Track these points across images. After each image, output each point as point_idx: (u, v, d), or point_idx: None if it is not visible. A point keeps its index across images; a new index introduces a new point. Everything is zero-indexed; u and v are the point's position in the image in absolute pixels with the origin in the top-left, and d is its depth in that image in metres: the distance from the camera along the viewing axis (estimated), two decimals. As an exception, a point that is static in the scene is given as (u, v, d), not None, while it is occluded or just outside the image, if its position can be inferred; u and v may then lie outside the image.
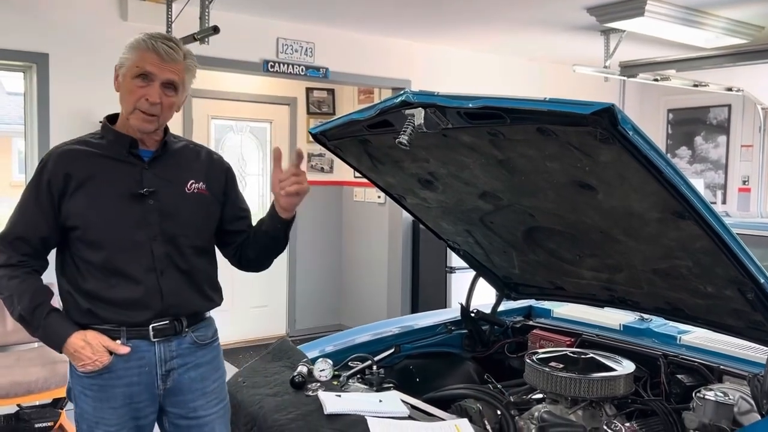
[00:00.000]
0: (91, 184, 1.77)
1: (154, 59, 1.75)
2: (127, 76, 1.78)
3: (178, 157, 1.90)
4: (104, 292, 1.77)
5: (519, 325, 2.77)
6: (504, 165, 1.85)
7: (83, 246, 1.78)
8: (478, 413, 2.02)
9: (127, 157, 1.82)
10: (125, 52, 1.79)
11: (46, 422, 3.94)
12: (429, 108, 1.72)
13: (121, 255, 1.77)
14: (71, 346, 1.74)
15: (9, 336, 3.99)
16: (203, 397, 1.90)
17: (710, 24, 4.59)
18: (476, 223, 2.32)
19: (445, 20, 4.99)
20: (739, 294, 1.80)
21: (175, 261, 1.83)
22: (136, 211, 1.79)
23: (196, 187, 1.88)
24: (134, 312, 1.78)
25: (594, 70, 5.47)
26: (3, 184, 10.50)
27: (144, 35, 1.79)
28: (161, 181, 1.83)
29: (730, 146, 6.68)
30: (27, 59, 4.22)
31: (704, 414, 1.86)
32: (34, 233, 1.78)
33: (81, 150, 1.82)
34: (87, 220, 1.76)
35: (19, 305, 1.75)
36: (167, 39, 1.79)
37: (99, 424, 1.80)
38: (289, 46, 5.10)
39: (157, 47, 1.75)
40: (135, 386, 1.80)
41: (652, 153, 1.50)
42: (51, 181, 1.77)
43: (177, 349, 1.85)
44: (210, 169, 1.94)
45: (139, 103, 1.77)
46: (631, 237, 1.87)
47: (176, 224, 1.83)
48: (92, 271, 1.78)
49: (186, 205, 1.86)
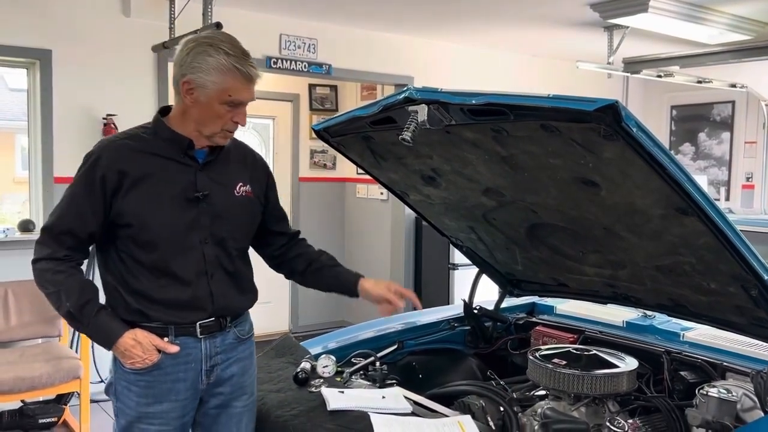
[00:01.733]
0: (147, 184, 1.75)
1: (246, 86, 1.73)
2: (214, 101, 1.72)
3: (228, 158, 1.89)
4: (155, 292, 1.77)
5: (522, 321, 2.77)
6: (507, 161, 1.85)
7: (134, 245, 1.76)
8: (481, 410, 2.02)
9: (182, 158, 1.80)
10: (205, 72, 1.69)
11: (50, 418, 3.96)
12: (432, 104, 1.71)
13: (173, 257, 1.77)
14: (122, 345, 1.74)
15: (13, 332, 4.01)
16: (240, 390, 1.92)
17: (714, 20, 4.57)
18: (479, 219, 2.32)
19: (449, 16, 4.98)
20: (743, 291, 1.80)
21: (223, 263, 1.84)
22: (189, 213, 1.78)
23: (243, 189, 1.88)
24: (185, 313, 1.80)
25: (597, 66, 5.46)
26: (6, 180, 10.51)
27: (225, 56, 1.69)
28: (213, 184, 1.82)
29: (734, 143, 6.66)
30: (30, 56, 4.22)
31: (707, 411, 1.86)
32: (82, 228, 1.75)
33: (134, 146, 1.78)
34: (142, 221, 1.74)
35: (68, 302, 1.74)
36: (249, 57, 1.74)
37: (141, 419, 1.81)
38: (291, 43, 5.10)
39: (249, 72, 1.72)
40: (181, 382, 1.82)
41: (655, 149, 1.49)
42: (105, 176, 1.72)
43: (221, 345, 1.87)
44: (254, 170, 1.95)
45: (227, 126, 1.77)
46: (634, 233, 1.87)
47: (226, 227, 1.84)
48: (142, 270, 1.77)
49: (235, 207, 1.86)
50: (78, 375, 3.73)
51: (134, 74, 4.54)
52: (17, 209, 8.27)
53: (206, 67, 1.69)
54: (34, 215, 4.40)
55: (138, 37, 4.51)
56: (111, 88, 4.44)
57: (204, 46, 1.71)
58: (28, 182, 4.49)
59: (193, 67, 1.70)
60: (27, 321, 4.04)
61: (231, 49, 1.71)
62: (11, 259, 4.16)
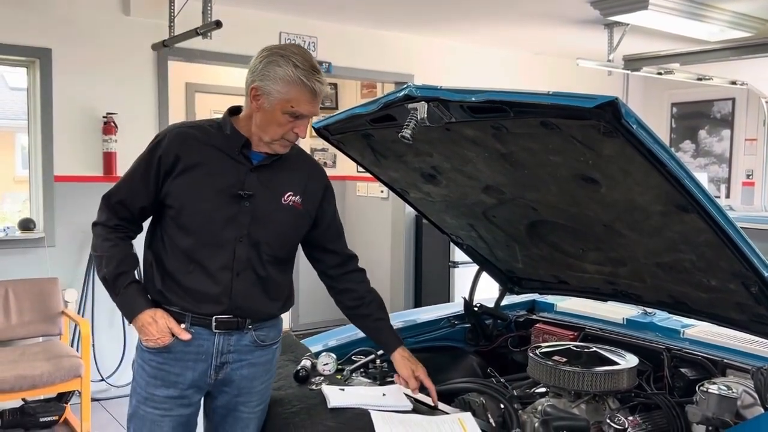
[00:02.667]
0: (197, 171, 1.80)
1: (309, 99, 1.76)
2: (277, 109, 1.76)
3: (284, 166, 1.90)
4: (180, 276, 1.82)
5: (522, 319, 2.77)
6: (507, 159, 1.85)
7: (174, 227, 1.82)
8: (481, 407, 2.03)
9: (237, 155, 1.83)
10: (272, 80, 1.74)
11: (51, 416, 3.97)
12: (432, 102, 1.71)
13: (205, 247, 1.81)
14: (140, 321, 1.81)
15: (14, 330, 4.01)
16: (248, 395, 1.92)
17: (714, 17, 4.57)
18: (479, 217, 2.32)
19: (449, 14, 4.98)
20: (743, 287, 1.80)
21: (254, 265, 1.85)
22: (230, 209, 1.81)
23: (292, 199, 1.89)
24: (201, 303, 1.82)
25: (597, 63, 5.46)
26: (6, 179, 10.51)
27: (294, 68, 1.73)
28: (261, 187, 1.84)
29: (734, 140, 6.66)
30: (30, 54, 4.22)
31: (707, 408, 1.86)
32: (134, 202, 1.85)
33: (196, 135, 1.84)
34: (183, 205, 1.80)
35: (106, 268, 1.83)
36: (318, 72, 1.77)
37: (147, 400, 1.85)
38: (291, 41, 5.09)
39: (315, 88, 1.75)
40: (189, 371, 1.84)
41: (655, 146, 1.49)
42: (162, 157, 1.80)
43: (236, 344, 1.87)
44: (310, 183, 1.95)
45: (287, 135, 1.80)
46: (634, 230, 1.87)
47: (264, 231, 1.85)
48: (176, 252, 1.83)
49: (279, 215, 1.87)
50: (79, 373, 3.73)
51: (134, 73, 4.54)
52: (18, 208, 8.28)
53: (274, 76, 1.74)
54: (35, 214, 4.40)
55: (138, 36, 4.51)
56: (111, 87, 4.44)
57: (276, 56, 1.76)
58: (28, 181, 4.48)
59: (263, 75, 1.76)
60: (28, 319, 4.04)
61: (300, 62, 1.75)
62: (12, 258, 4.17)
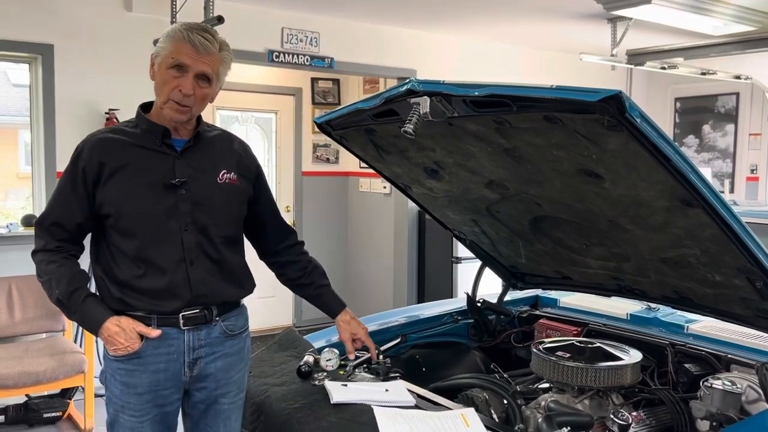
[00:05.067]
0: (124, 173, 1.78)
1: (189, 50, 1.75)
2: (162, 66, 1.77)
3: (211, 146, 1.90)
4: (134, 281, 1.79)
5: (525, 314, 2.76)
6: (510, 154, 1.84)
7: (116, 234, 1.80)
8: (484, 402, 2.02)
9: (159, 147, 1.82)
10: (161, 41, 1.79)
11: (55, 412, 3.98)
12: (434, 96, 1.71)
13: (152, 244, 1.79)
14: (106, 331, 1.77)
15: (18, 327, 4.02)
16: (226, 387, 1.92)
17: (718, 11, 4.54)
18: (482, 212, 2.31)
19: (451, 9, 4.96)
20: (748, 283, 1.79)
21: (206, 250, 1.84)
22: (167, 200, 1.80)
23: (227, 177, 1.89)
24: (163, 301, 1.80)
25: (601, 58, 5.43)
26: (10, 175, 10.52)
27: (180, 25, 1.79)
28: (193, 171, 1.83)
29: (738, 135, 6.63)
30: (32, 51, 4.22)
31: (712, 403, 1.86)
32: (69, 219, 1.81)
33: (115, 138, 1.82)
34: (119, 209, 1.78)
35: (57, 289, 1.79)
36: (203, 30, 1.79)
37: (125, 408, 1.82)
38: (294, 36, 5.08)
39: (192, 39, 1.75)
40: (161, 373, 1.82)
41: (660, 140, 1.48)
42: (86, 169, 1.78)
43: (206, 338, 1.86)
44: (241, 159, 1.95)
45: (172, 94, 1.77)
46: (638, 225, 1.86)
47: (207, 214, 1.84)
48: (124, 259, 1.80)
49: (217, 195, 1.87)
50: (82, 369, 3.74)
51: (136, 69, 4.52)
52: (21, 204, 8.29)
53: (162, 38, 1.80)
54: (38, 210, 4.40)
55: (140, 32, 4.50)
56: (113, 83, 4.43)
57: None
58: (31, 177, 4.49)
59: (156, 46, 1.81)
60: (31, 316, 4.05)
61: (188, 23, 1.80)
62: (15, 254, 4.17)
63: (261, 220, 2.04)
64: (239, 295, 1.95)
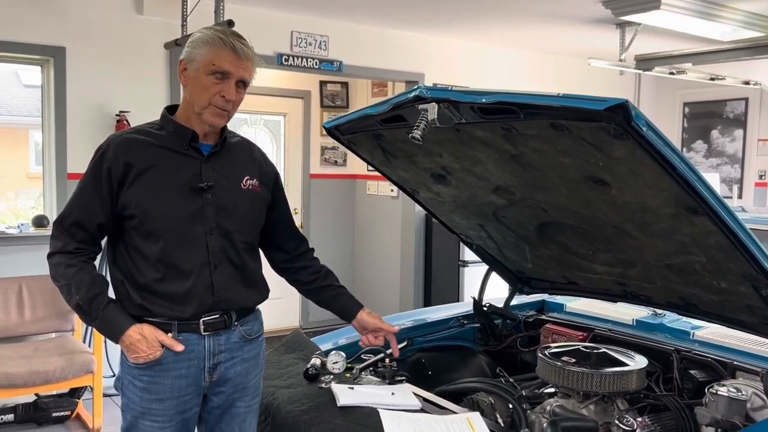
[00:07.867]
0: (151, 175, 1.77)
1: (230, 57, 1.75)
2: (201, 72, 1.76)
3: (235, 152, 1.91)
4: (156, 285, 1.77)
5: (531, 319, 2.77)
6: (517, 160, 1.85)
7: (138, 236, 1.78)
8: (490, 407, 2.03)
9: (187, 150, 1.82)
10: (194, 46, 1.78)
11: (64, 411, 4.01)
12: (442, 103, 1.72)
13: (176, 247, 1.77)
14: (128, 339, 1.75)
15: (27, 326, 4.05)
16: (243, 391, 1.92)
17: (727, 17, 4.54)
18: (489, 217, 2.32)
19: (460, 14, 4.97)
20: (753, 290, 1.80)
21: (229, 255, 1.84)
22: (194, 204, 1.79)
23: (250, 183, 1.89)
24: (185, 306, 1.78)
25: (609, 63, 5.43)
26: (20, 175, 10.58)
27: (214, 31, 1.78)
28: (219, 176, 1.84)
29: (747, 140, 6.61)
30: (44, 53, 4.26)
31: (717, 409, 1.86)
32: (91, 220, 1.78)
33: (140, 139, 1.80)
34: (145, 211, 1.75)
35: (77, 294, 1.76)
36: (239, 36, 1.79)
37: (145, 415, 1.81)
38: (303, 40, 5.11)
39: (234, 45, 1.75)
40: (183, 379, 1.81)
41: (665, 149, 1.49)
42: (111, 169, 1.75)
43: (225, 343, 1.86)
44: (261, 166, 1.96)
45: (214, 100, 1.77)
46: (644, 232, 1.87)
47: (231, 219, 1.84)
48: (146, 263, 1.78)
49: (241, 200, 1.87)
50: (91, 369, 3.76)
51: (147, 71, 4.57)
52: (31, 205, 8.34)
53: (196, 43, 1.78)
54: (48, 211, 4.44)
55: (151, 35, 4.54)
56: (124, 85, 4.47)
57: (198, 31, 1.82)
58: (41, 178, 4.53)
59: (187, 49, 1.80)
60: (41, 315, 4.08)
61: (220, 29, 1.80)
62: (25, 254, 4.21)
63: (277, 227, 2.04)
64: (258, 300, 1.95)
